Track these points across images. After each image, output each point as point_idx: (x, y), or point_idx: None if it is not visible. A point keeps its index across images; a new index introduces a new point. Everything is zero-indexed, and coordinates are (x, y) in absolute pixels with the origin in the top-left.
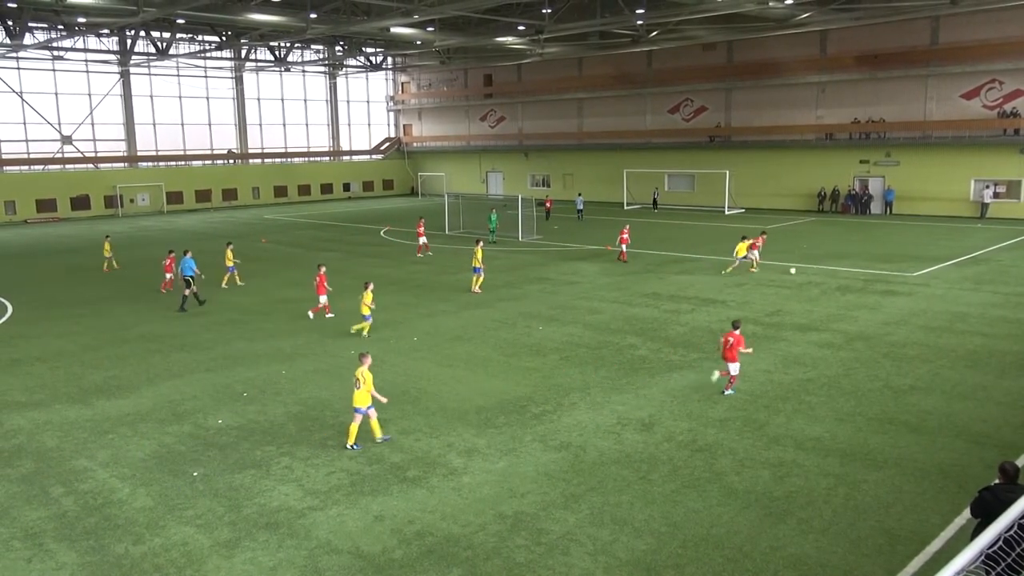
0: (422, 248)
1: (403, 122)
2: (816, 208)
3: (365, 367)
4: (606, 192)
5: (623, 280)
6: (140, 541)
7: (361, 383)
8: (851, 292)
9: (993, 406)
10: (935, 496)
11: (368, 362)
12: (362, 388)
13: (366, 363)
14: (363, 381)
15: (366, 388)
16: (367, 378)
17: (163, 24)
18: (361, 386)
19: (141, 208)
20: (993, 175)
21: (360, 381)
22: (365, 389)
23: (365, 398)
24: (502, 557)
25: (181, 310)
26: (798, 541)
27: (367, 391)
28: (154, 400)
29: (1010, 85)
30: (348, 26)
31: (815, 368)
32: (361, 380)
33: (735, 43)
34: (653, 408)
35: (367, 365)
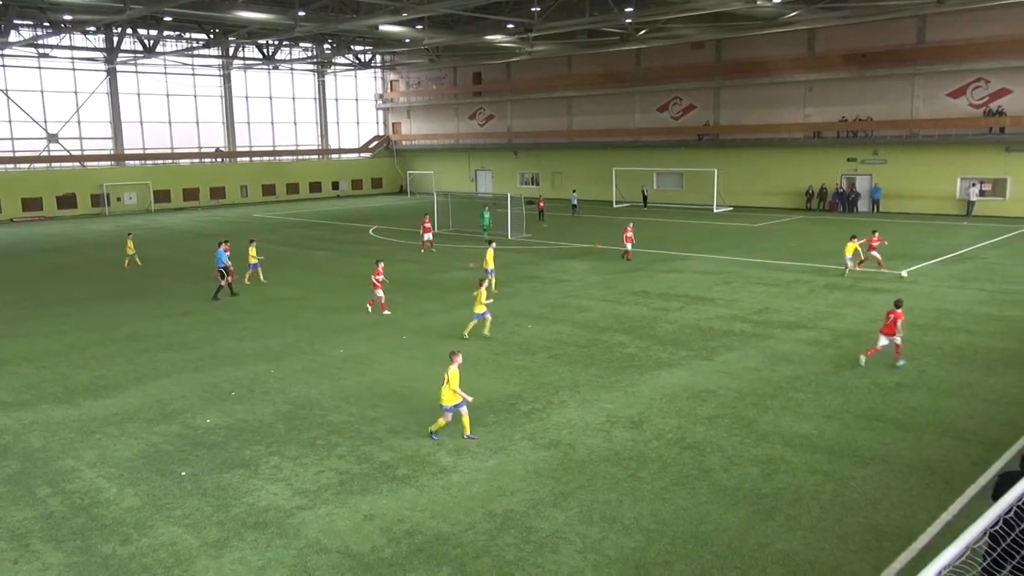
0: (426, 244)
1: (392, 120)
2: (804, 206)
3: (455, 366)
4: (595, 191)
5: (612, 278)
6: (128, 541)
7: (446, 381)
8: (839, 290)
9: (979, 403)
10: (922, 492)
11: (458, 360)
12: (447, 386)
13: (456, 361)
14: (448, 379)
15: (451, 386)
16: (453, 377)
17: (150, 21)
18: (446, 383)
19: (128, 207)
20: (979, 173)
21: (447, 379)
22: (450, 387)
23: (451, 396)
24: (491, 555)
25: (214, 299)
26: (786, 537)
27: (451, 389)
28: (141, 400)
29: (996, 84)
30: (337, 24)
31: (803, 365)
32: (447, 378)
33: (723, 42)
34: (642, 406)
35: (457, 364)
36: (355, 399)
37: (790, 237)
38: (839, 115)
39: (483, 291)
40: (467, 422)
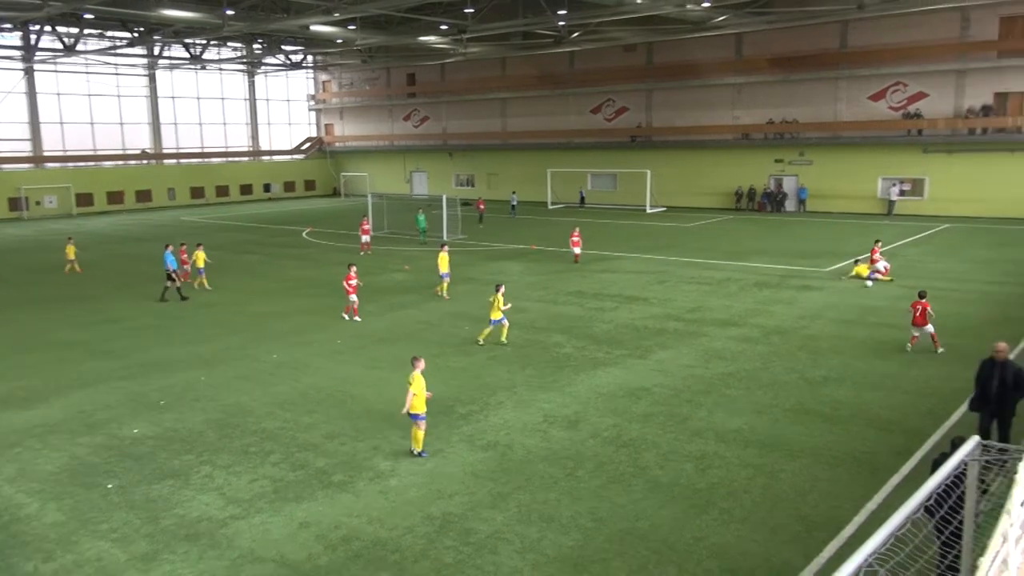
0: (365, 247)
1: (325, 121)
2: (734, 206)
3: (418, 371)
4: (531, 191)
5: (548, 279)
6: (50, 558)
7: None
8: (768, 288)
9: (901, 395)
10: (848, 483)
11: (421, 366)
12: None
13: (419, 367)
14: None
15: (418, 393)
16: (418, 383)
17: (70, 19)
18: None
19: (49, 210)
20: (899, 173)
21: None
22: (418, 394)
23: (421, 403)
24: (430, 559)
25: (161, 299)
26: (720, 531)
27: (419, 396)
28: (64, 411)
29: (913, 87)
30: (267, 23)
31: (735, 362)
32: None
33: (655, 45)
34: (579, 405)
35: (420, 369)
36: (289, 405)
37: (721, 237)
38: (766, 117)
39: (500, 297)
40: (421, 436)
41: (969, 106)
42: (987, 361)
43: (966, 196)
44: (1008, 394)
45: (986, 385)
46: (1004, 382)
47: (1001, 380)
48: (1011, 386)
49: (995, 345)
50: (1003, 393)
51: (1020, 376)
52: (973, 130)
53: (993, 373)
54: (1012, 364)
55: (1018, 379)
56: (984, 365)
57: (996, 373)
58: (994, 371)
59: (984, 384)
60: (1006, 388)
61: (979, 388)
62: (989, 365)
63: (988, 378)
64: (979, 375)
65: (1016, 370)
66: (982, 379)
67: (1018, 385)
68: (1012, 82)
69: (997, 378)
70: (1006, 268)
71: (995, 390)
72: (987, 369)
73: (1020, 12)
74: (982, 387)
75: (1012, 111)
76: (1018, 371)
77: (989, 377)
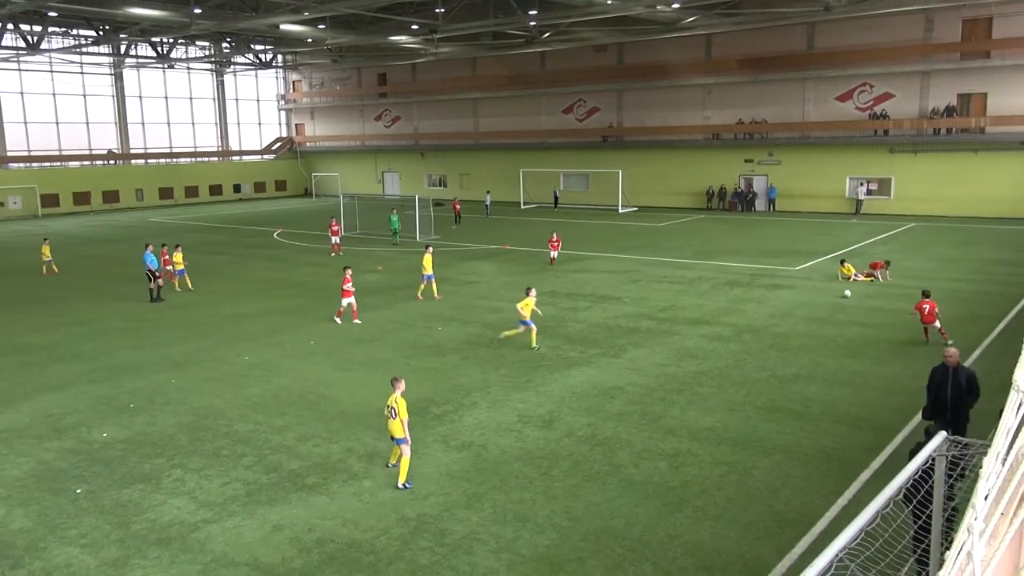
0: (335, 248)
1: (295, 121)
2: (705, 206)
3: (398, 393)
4: (503, 192)
5: (522, 279)
6: (18, 565)
7: (395, 412)
8: (739, 287)
9: (870, 391)
10: (820, 479)
11: (401, 387)
12: (396, 418)
13: (399, 388)
14: (397, 410)
15: (400, 417)
16: (401, 406)
17: (33, 17)
18: (396, 415)
19: (13, 212)
20: (866, 173)
21: (394, 410)
22: (399, 418)
23: (400, 428)
24: (405, 560)
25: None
26: (694, 528)
27: (400, 420)
28: (31, 415)
29: (879, 88)
30: (235, 22)
31: (707, 360)
32: (393, 408)
33: (625, 45)
34: (553, 404)
35: (400, 391)
36: (262, 407)
37: (692, 236)
38: (736, 118)
39: (531, 300)
40: (406, 466)
41: (933, 107)
42: (938, 368)
43: (931, 195)
44: (963, 399)
45: (939, 392)
46: (958, 387)
47: (955, 385)
48: (965, 391)
49: (945, 351)
50: (957, 399)
51: (973, 380)
52: (937, 130)
53: (946, 379)
54: (964, 368)
55: (971, 383)
56: (935, 372)
57: (949, 379)
58: (946, 377)
59: (937, 391)
60: (960, 393)
61: (931, 396)
62: (941, 372)
63: (941, 385)
64: (931, 382)
65: (969, 374)
66: (934, 386)
67: (971, 389)
68: (974, 83)
69: (950, 384)
70: (971, 266)
71: (949, 396)
72: (939, 376)
73: (982, 15)
74: (935, 395)
75: (975, 112)
76: (971, 375)
77: (942, 384)
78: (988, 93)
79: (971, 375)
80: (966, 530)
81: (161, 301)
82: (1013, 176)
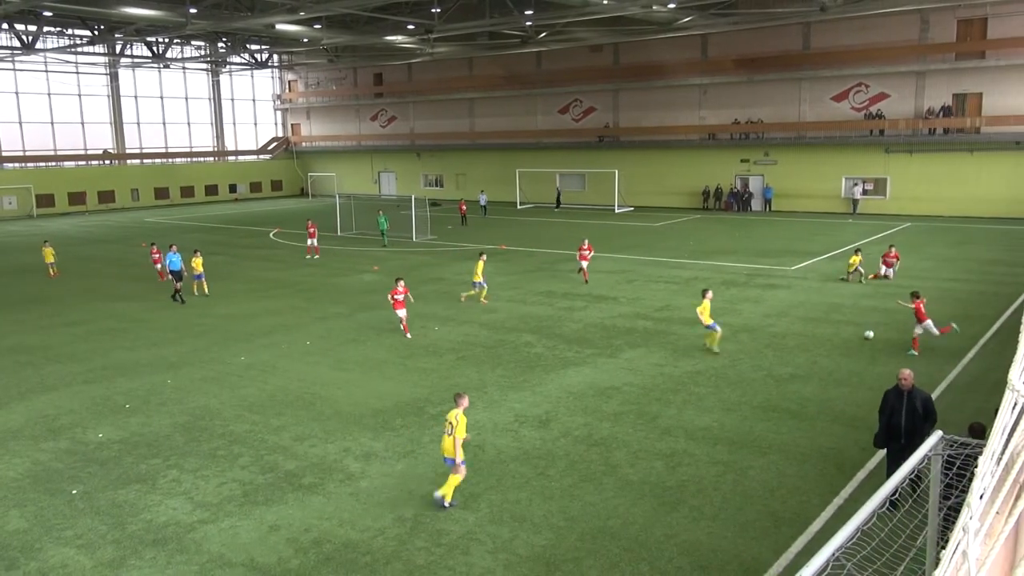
0: (311, 250)
1: (291, 121)
2: (701, 206)
3: (460, 410)
4: (500, 192)
5: (518, 279)
6: (14, 566)
7: (452, 429)
8: (735, 286)
9: (866, 391)
10: (816, 479)
11: (465, 404)
12: (451, 435)
13: (462, 405)
14: (455, 427)
15: (457, 434)
16: (462, 424)
17: (28, 16)
18: (451, 432)
19: (8, 212)
20: (862, 173)
21: (452, 426)
22: (456, 435)
23: (450, 446)
24: (402, 560)
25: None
26: (691, 528)
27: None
28: (26, 416)
29: (875, 88)
30: (231, 22)
31: (703, 360)
32: (452, 424)
33: (621, 45)
34: (549, 404)
35: (463, 407)
36: (258, 407)
37: (688, 236)
38: (732, 118)
39: (707, 303)
40: (453, 484)
41: (929, 107)
42: (891, 391)
43: (927, 195)
44: (918, 425)
45: (892, 418)
46: (912, 412)
47: (909, 410)
48: (921, 416)
49: (900, 373)
50: (912, 425)
51: (929, 404)
52: (933, 130)
53: (899, 404)
54: (919, 391)
55: (928, 407)
56: (888, 396)
57: (903, 404)
58: (900, 401)
59: (890, 416)
60: (915, 419)
61: (884, 422)
62: (894, 395)
63: (894, 410)
64: (883, 407)
65: (925, 397)
66: (887, 411)
67: (928, 414)
68: (970, 83)
69: (904, 409)
70: (967, 266)
71: (904, 422)
72: (892, 400)
73: (977, 15)
74: (888, 420)
75: (970, 112)
76: (926, 399)
77: (895, 408)
78: (983, 93)
79: (926, 399)
80: (961, 529)
81: (182, 304)
82: (1008, 176)
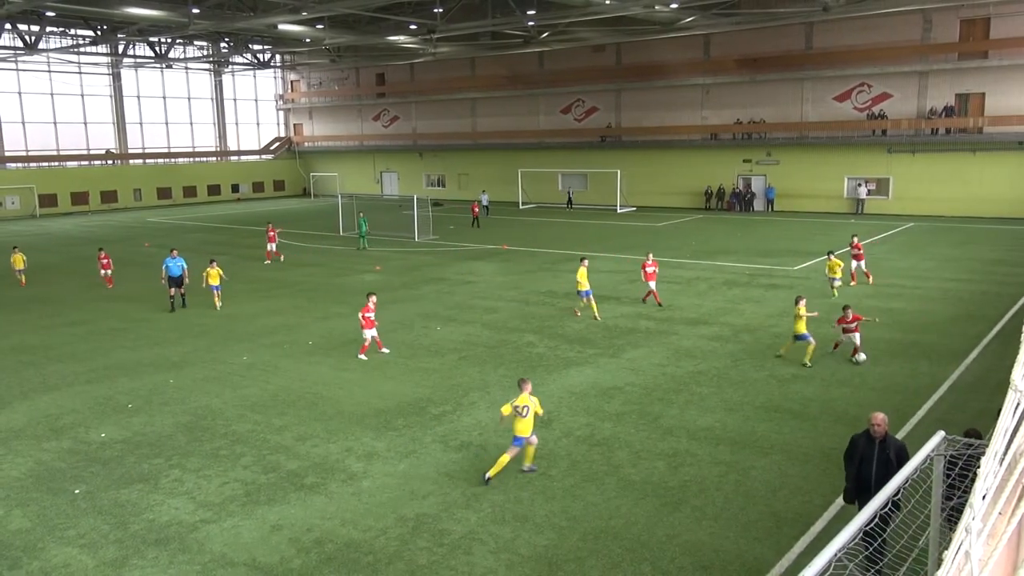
0: (270, 255)
1: (293, 121)
2: (703, 206)
3: (526, 392)
4: (502, 192)
5: (519, 279)
6: (16, 566)
7: (528, 411)
8: (737, 286)
9: (868, 391)
10: (818, 479)
11: (529, 387)
12: (528, 416)
13: (527, 388)
14: (531, 407)
15: (536, 410)
16: (535, 402)
17: (31, 17)
18: (527, 414)
19: (11, 212)
20: (864, 173)
21: (527, 408)
22: (531, 417)
23: (527, 427)
24: (404, 560)
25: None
26: (693, 528)
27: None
28: (28, 415)
29: (878, 88)
30: (233, 22)
31: (705, 360)
32: (525, 408)
33: (623, 45)
34: (551, 404)
35: (529, 390)
36: (260, 407)
37: (690, 236)
38: (734, 117)
39: (802, 308)
40: (532, 452)
41: (931, 107)
42: (861, 437)
43: (930, 195)
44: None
45: (862, 468)
46: (886, 463)
47: (882, 462)
48: (896, 467)
49: (872, 417)
50: (886, 476)
51: (904, 454)
52: (936, 130)
53: (871, 453)
54: (893, 439)
55: (902, 458)
56: (857, 442)
57: (875, 453)
58: (872, 450)
59: (860, 467)
60: (888, 471)
61: (853, 473)
62: (864, 442)
63: (864, 459)
64: (851, 455)
65: (899, 447)
66: (857, 461)
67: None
68: (972, 83)
69: (876, 459)
70: (970, 266)
71: (875, 474)
72: (862, 447)
73: (979, 15)
74: (857, 471)
75: (973, 112)
76: (901, 448)
77: (865, 458)
78: (986, 93)
79: (901, 448)
80: (964, 529)
81: (183, 307)
82: (1011, 176)
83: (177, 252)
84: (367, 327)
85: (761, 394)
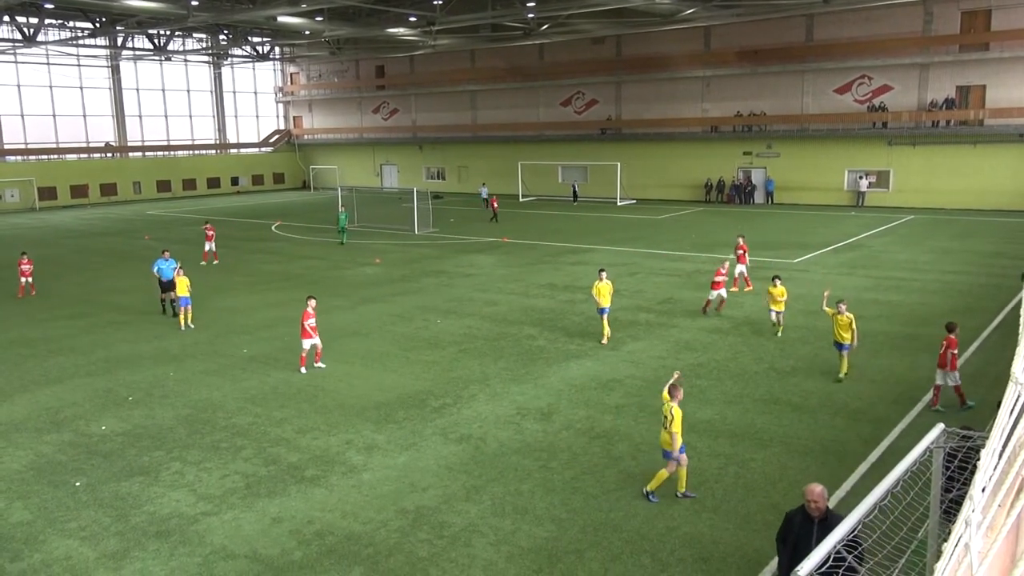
0: (207, 255)
1: (293, 114)
2: (703, 198)
3: (675, 403)
4: (502, 184)
5: (519, 272)
6: (18, 558)
7: (669, 422)
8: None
9: (867, 384)
10: (817, 471)
11: (679, 396)
12: (669, 428)
13: (677, 398)
14: (672, 419)
15: (673, 427)
16: (677, 416)
17: (29, 8)
18: (668, 425)
19: (10, 205)
20: (865, 166)
21: (668, 420)
22: (672, 428)
23: (668, 439)
24: (404, 552)
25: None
26: (692, 520)
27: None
28: (29, 408)
29: (878, 80)
30: (232, 14)
31: (705, 353)
32: (670, 418)
33: (624, 37)
34: (551, 397)
35: (678, 400)
36: (260, 400)
37: (691, 229)
38: (734, 110)
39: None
40: (684, 474)
41: (932, 99)
42: (796, 514)
43: (929, 188)
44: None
45: (800, 549)
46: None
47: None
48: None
49: (807, 490)
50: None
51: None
52: (936, 123)
53: (807, 533)
54: (837, 516)
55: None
56: (792, 521)
57: (812, 534)
58: (808, 530)
59: (795, 547)
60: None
61: (787, 557)
62: (800, 520)
63: (802, 542)
64: (784, 536)
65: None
66: (791, 541)
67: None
68: (973, 75)
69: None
70: (968, 258)
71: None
72: (797, 526)
73: (980, 7)
74: (791, 554)
75: (974, 104)
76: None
77: (801, 538)
78: (987, 85)
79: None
80: (963, 522)
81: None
82: (1011, 168)
83: (169, 253)
84: (307, 336)
85: (760, 387)
